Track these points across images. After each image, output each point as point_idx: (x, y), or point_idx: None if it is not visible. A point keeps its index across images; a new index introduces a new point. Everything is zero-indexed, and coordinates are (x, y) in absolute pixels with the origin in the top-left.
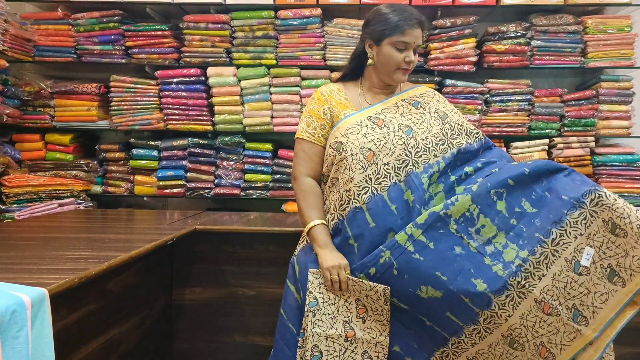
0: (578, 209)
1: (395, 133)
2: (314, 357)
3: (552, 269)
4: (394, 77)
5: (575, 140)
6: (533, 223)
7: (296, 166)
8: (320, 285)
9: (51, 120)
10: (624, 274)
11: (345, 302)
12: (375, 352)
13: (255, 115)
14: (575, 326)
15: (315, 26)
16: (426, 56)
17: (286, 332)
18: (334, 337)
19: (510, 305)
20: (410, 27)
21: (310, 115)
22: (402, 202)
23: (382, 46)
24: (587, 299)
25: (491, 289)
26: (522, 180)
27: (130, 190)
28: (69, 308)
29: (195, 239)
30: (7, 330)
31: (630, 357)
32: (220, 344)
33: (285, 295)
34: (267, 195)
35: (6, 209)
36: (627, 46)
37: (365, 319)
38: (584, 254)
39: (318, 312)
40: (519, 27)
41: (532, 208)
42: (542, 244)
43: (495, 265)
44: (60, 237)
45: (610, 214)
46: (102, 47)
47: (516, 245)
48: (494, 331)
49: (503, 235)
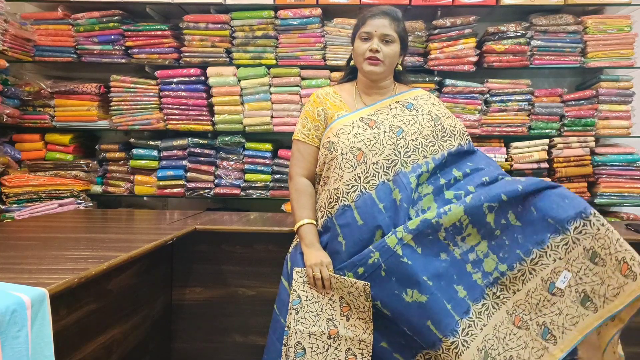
0: (561, 234)
1: (386, 133)
2: (297, 354)
3: (527, 286)
4: (363, 69)
5: (575, 140)
6: (516, 238)
7: (292, 166)
8: (304, 284)
9: (51, 120)
10: (597, 300)
11: (329, 300)
12: (360, 350)
13: (255, 115)
14: (544, 343)
15: (315, 26)
16: (426, 56)
17: (278, 327)
18: (317, 335)
19: (485, 314)
20: (371, 17)
21: (306, 117)
22: (390, 200)
23: (354, 43)
24: (558, 319)
25: (470, 297)
26: (515, 197)
27: (130, 190)
28: (69, 308)
29: (195, 239)
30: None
31: (630, 357)
32: (220, 344)
33: (279, 291)
34: (267, 195)
35: (6, 209)
36: (627, 46)
37: (349, 316)
38: (561, 277)
39: (301, 310)
40: (519, 27)
41: (517, 221)
42: (521, 261)
43: (475, 273)
44: (60, 237)
45: (592, 243)
46: (102, 47)
47: (496, 257)
48: (470, 345)
49: (485, 244)
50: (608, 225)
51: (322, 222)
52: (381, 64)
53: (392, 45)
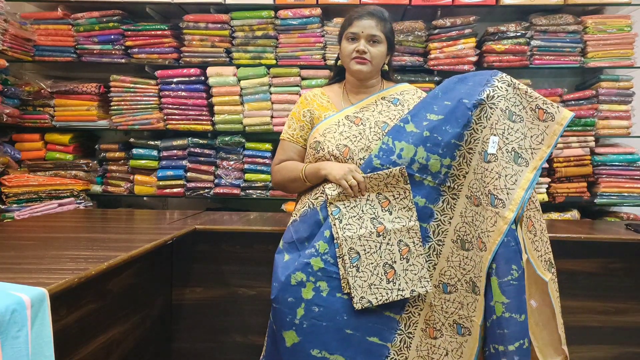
0: (479, 107)
1: (371, 129)
2: (353, 260)
3: (472, 165)
4: (351, 68)
5: (575, 140)
6: (445, 130)
7: (274, 161)
8: (339, 195)
9: (51, 120)
10: (526, 154)
11: (367, 200)
12: (410, 238)
13: (255, 115)
14: (494, 209)
15: (315, 26)
16: (426, 56)
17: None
18: (366, 236)
19: (448, 208)
20: (358, 18)
21: (292, 117)
22: None
23: (341, 43)
24: (499, 182)
25: (429, 201)
26: (421, 102)
27: (130, 190)
28: (69, 308)
29: (195, 239)
30: (7, 330)
31: (630, 357)
32: (220, 343)
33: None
34: (267, 195)
35: (6, 209)
36: (626, 46)
37: (391, 210)
38: (490, 143)
39: (343, 218)
40: (519, 26)
41: (438, 116)
42: (458, 148)
43: (425, 179)
44: (60, 237)
45: (506, 104)
46: (102, 47)
47: (437, 155)
48: (445, 242)
49: (422, 149)
50: (515, 83)
51: (302, 211)
52: (368, 63)
53: (379, 45)
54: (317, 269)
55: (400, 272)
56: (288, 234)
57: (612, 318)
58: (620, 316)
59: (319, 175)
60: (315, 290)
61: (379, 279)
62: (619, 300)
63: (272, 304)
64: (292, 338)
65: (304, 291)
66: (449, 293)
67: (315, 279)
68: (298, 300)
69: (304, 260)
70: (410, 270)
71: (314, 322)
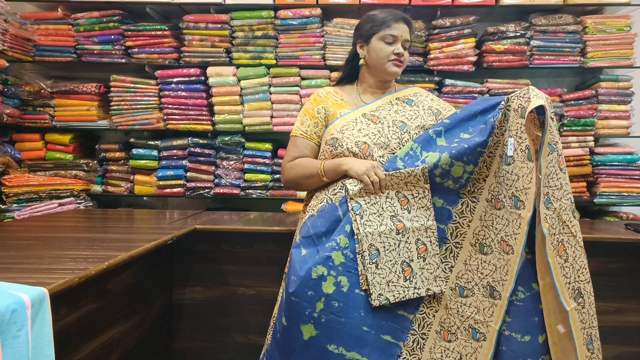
0: (500, 112)
1: (390, 128)
2: (372, 256)
3: (492, 168)
4: (387, 70)
5: (574, 140)
6: (472, 139)
7: (285, 158)
8: (360, 190)
9: (51, 120)
10: (533, 155)
11: (386, 198)
12: (427, 238)
13: (255, 115)
14: (517, 212)
15: (314, 26)
16: (426, 56)
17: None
18: (386, 233)
19: (467, 210)
20: (396, 21)
21: (305, 114)
22: None
23: (371, 43)
24: (518, 184)
25: (447, 203)
26: (457, 118)
27: (130, 190)
28: (69, 308)
29: (195, 239)
30: (7, 329)
31: (630, 357)
32: (220, 343)
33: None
34: (266, 194)
35: (6, 209)
36: (626, 46)
37: (410, 209)
38: (508, 146)
39: (364, 214)
40: (519, 27)
41: (471, 135)
42: (482, 154)
43: (445, 182)
44: (60, 236)
45: (519, 102)
46: (102, 47)
47: (461, 162)
48: (463, 245)
49: (447, 155)
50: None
51: (319, 206)
52: (402, 66)
53: (407, 50)
54: (338, 263)
55: (417, 270)
56: (305, 228)
57: (612, 318)
58: (620, 316)
59: (339, 171)
60: (336, 285)
61: (397, 277)
62: (619, 300)
63: (289, 298)
64: (309, 331)
65: (324, 285)
66: (465, 297)
67: (336, 274)
68: (318, 294)
69: (325, 254)
70: (426, 269)
71: (332, 317)
